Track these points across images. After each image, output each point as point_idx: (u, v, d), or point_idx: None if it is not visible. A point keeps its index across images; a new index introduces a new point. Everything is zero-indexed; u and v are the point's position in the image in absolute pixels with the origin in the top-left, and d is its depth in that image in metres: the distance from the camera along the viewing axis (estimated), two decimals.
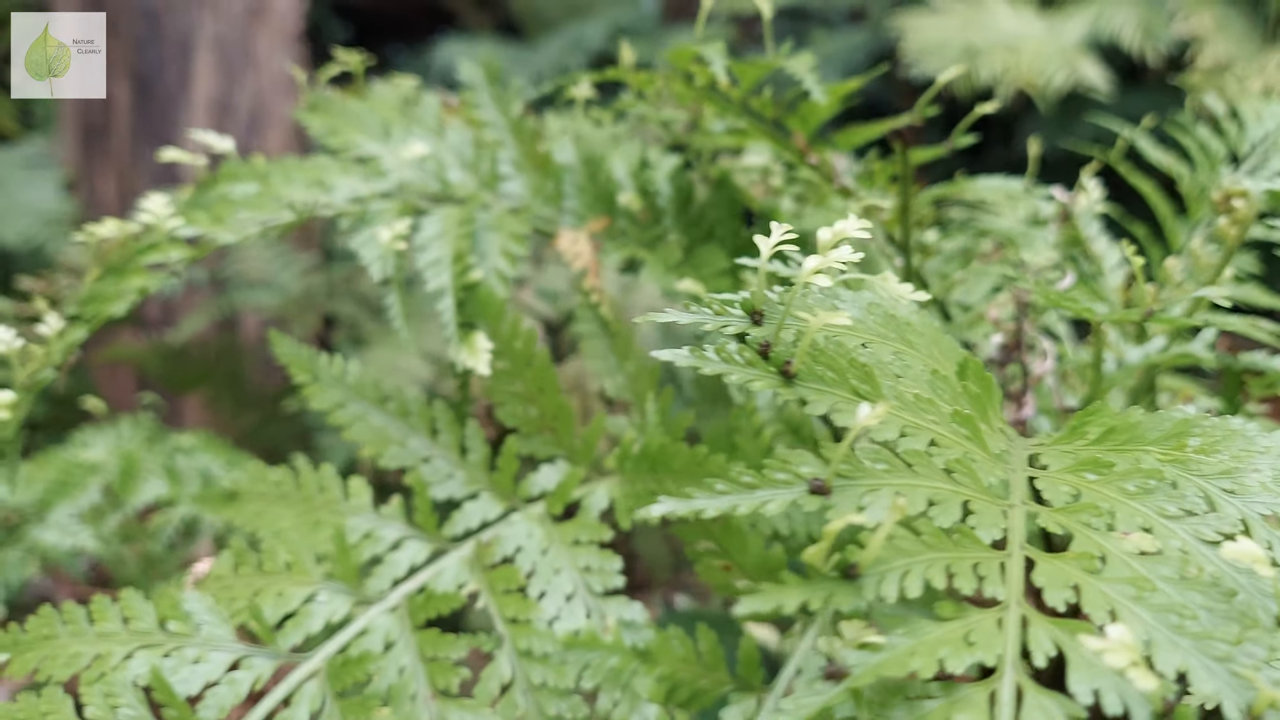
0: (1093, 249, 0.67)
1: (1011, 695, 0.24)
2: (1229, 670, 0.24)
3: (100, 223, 0.61)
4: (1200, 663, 0.24)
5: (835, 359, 0.30)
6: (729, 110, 0.65)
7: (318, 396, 0.61)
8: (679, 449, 0.58)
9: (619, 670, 0.55)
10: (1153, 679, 0.22)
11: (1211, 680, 0.24)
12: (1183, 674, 0.24)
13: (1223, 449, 0.33)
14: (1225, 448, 0.33)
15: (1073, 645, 0.24)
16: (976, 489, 0.29)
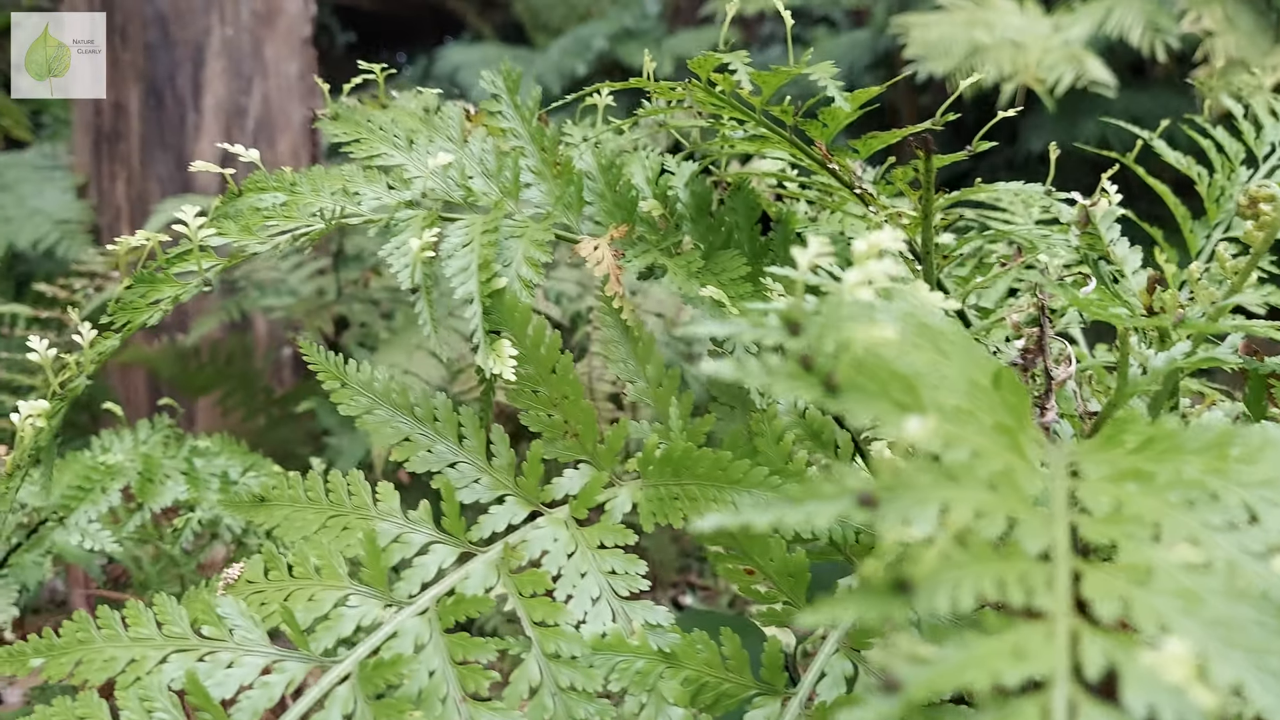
0: (1114, 253, 0.68)
1: (1064, 708, 0.24)
2: None
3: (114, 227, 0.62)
4: (1255, 676, 0.24)
5: (877, 370, 0.30)
6: (750, 117, 0.65)
7: (346, 402, 0.61)
8: (703, 454, 0.58)
9: (645, 673, 0.55)
10: (1211, 694, 0.23)
11: (1267, 694, 0.24)
12: (1237, 688, 0.24)
13: (1263, 458, 0.33)
14: (1265, 457, 0.33)
15: (1126, 658, 0.24)
16: (1020, 500, 0.30)
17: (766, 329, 0.34)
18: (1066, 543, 0.29)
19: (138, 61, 2.06)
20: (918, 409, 0.30)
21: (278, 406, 1.88)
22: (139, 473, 1.03)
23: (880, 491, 0.28)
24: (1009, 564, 0.27)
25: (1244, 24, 3.46)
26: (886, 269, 0.31)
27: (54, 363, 0.58)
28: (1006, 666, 0.25)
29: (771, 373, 0.29)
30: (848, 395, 0.30)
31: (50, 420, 0.58)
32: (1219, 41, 3.46)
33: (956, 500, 0.28)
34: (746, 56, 0.58)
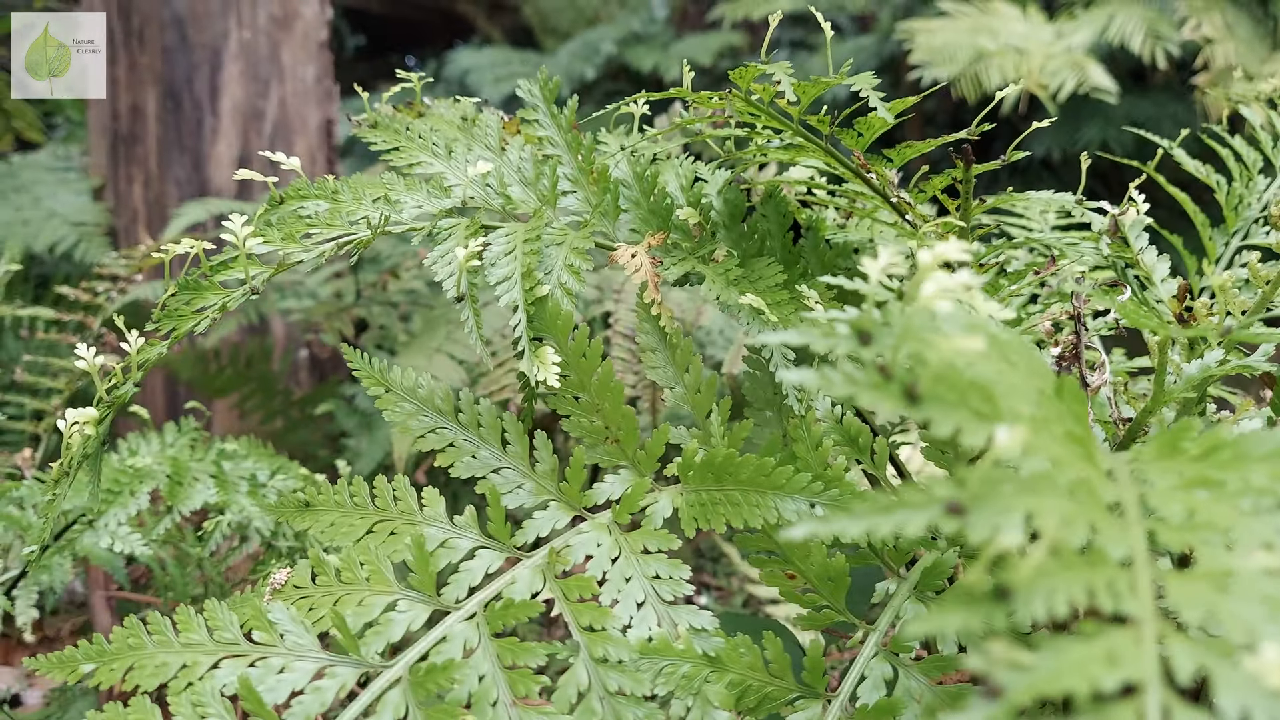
0: (1142, 261, 0.68)
1: (1157, 711, 0.25)
2: None
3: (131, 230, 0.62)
4: None
5: (956, 381, 0.31)
6: (787, 126, 0.66)
7: (390, 408, 0.62)
8: (746, 459, 0.59)
9: (691, 676, 0.56)
10: None
11: None
12: None
13: None
14: None
15: (1218, 663, 0.25)
16: (1098, 508, 0.30)
17: (838, 338, 0.34)
18: (1145, 549, 0.30)
19: (155, 64, 2.07)
20: (996, 418, 0.31)
21: (296, 409, 1.88)
22: (167, 476, 1.04)
23: (968, 500, 0.28)
24: (1095, 571, 0.28)
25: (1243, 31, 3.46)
26: (962, 280, 0.32)
27: (99, 370, 0.59)
28: (1101, 672, 0.25)
29: (854, 383, 0.30)
30: (929, 405, 0.30)
31: (98, 426, 0.59)
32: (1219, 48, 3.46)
33: (1040, 509, 0.29)
34: (789, 67, 0.59)
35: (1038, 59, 3.53)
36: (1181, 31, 3.47)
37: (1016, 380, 0.35)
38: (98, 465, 0.60)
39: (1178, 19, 3.56)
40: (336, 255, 0.60)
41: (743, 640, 0.58)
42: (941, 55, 3.69)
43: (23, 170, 2.38)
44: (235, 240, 0.58)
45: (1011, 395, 0.34)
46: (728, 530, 0.60)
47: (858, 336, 0.35)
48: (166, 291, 0.62)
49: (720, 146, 0.76)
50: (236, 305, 0.58)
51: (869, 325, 0.35)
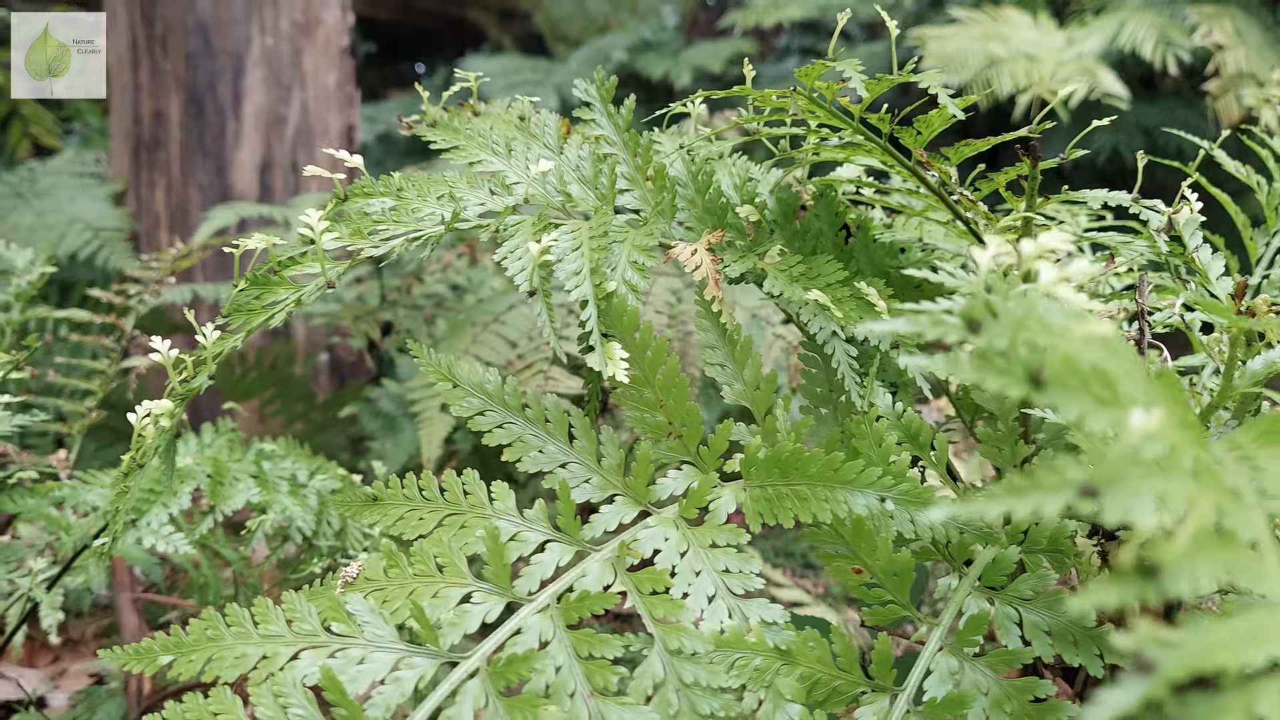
0: (1197, 260, 0.69)
1: None
2: None
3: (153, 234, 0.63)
4: None
5: (1078, 366, 0.31)
6: (848, 125, 0.66)
7: (459, 403, 0.62)
8: (815, 455, 0.60)
9: (763, 669, 0.56)
10: None
11: None
12: None
13: None
14: None
15: None
16: (1222, 491, 0.31)
17: (948, 327, 0.35)
18: (1269, 531, 0.30)
19: (178, 70, 2.09)
20: (1117, 404, 0.31)
21: (318, 412, 1.89)
22: (208, 475, 1.04)
23: (1101, 483, 0.29)
24: (1230, 551, 0.28)
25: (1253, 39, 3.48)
26: (1084, 269, 0.32)
27: (174, 363, 0.60)
28: (1248, 649, 0.26)
29: (983, 368, 0.30)
30: (1054, 390, 0.31)
31: (171, 419, 0.59)
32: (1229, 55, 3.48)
33: (1169, 491, 0.29)
34: (858, 64, 0.60)
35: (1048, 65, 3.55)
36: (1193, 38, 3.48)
37: (1124, 368, 0.36)
38: (171, 457, 0.61)
39: (1188, 25, 3.57)
40: (406, 251, 0.61)
41: (811, 634, 0.58)
42: (953, 62, 3.70)
43: (43, 176, 2.40)
44: (312, 235, 0.58)
45: (1127, 382, 0.34)
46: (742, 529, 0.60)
47: (967, 325, 0.35)
48: (235, 288, 0.63)
49: (775, 146, 0.77)
50: (311, 300, 0.59)
51: (979, 314, 0.35)
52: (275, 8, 2.12)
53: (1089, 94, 3.38)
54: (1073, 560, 0.62)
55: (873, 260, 0.79)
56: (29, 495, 1.06)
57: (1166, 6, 3.91)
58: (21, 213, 2.25)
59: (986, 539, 0.62)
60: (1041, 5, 4.27)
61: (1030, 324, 0.33)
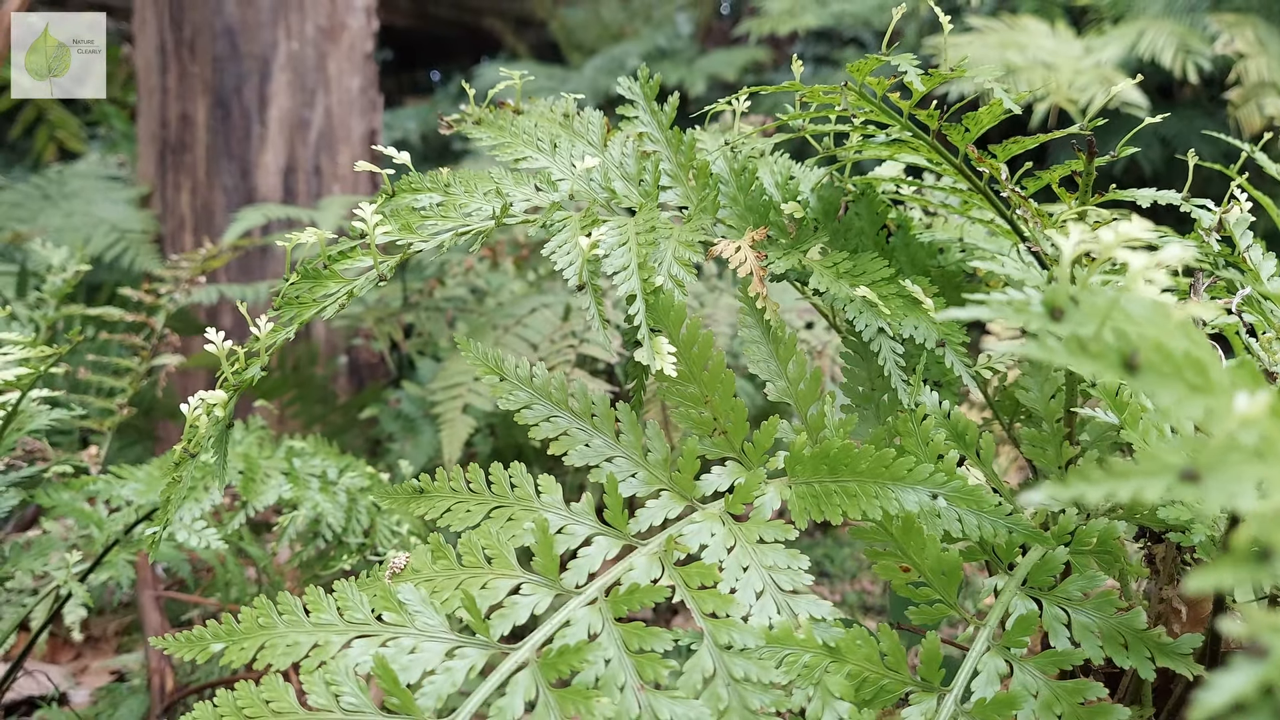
0: (1249, 259, 0.68)
1: None
2: None
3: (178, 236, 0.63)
4: None
5: (1171, 353, 0.31)
6: (896, 121, 0.66)
7: (506, 397, 0.62)
8: (865, 451, 0.59)
9: (812, 666, 0.56)
10: None
11: None
12: None
13: None
14: None
15: None
16: None
17: (1030, 314, 0.35)
18: None
19: (205, 74, 2.10)
20: (1209, 391, 0.31)
21: (338, 413, 1.90)
22: (240, 472, 1.05)
23: (1202, 468, 0.28)
24: None
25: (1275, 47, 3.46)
26: (1177, 254, 0.32)
27: (228, 354, 0.60)
28: None
29: (1075, 353, 0.30)
30: (1147, 375, 0.30)
31: (225, 408, 0.60)
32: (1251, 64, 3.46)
33: (1271, 477, 0.29)
34: (913, 58, 0.60)
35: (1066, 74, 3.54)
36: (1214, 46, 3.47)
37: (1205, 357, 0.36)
38: (224, 446, 0.61)
39: (1209, 34, 3.56)
40: (455, 245, 0.61)
41: (860, 632, 0.58)
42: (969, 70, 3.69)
43: (70, 179, 2.42)
44: (366, 228, 0.58)
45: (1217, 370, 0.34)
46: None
47: (1049, 313, 0.35)
48: (287, 281, 0.63)
49: (819, 143, 0.77)
50: (364, 291, 0.59)
51: (1061, 301, 0.35)
52: (301, 13, 2.14)
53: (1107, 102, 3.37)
54: (1123, 561, 0.61)
55: (913, 259, 0.79)
56: (63, 490, 1.06)
57: (1186, 15, 3.90)
58: (50, 214, 2.27)
59: (1035, 539, 0.62)
60: (1059, 14, 4.27)
61: (1117, 312, 0.33)
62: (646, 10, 5.35)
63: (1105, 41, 3.77)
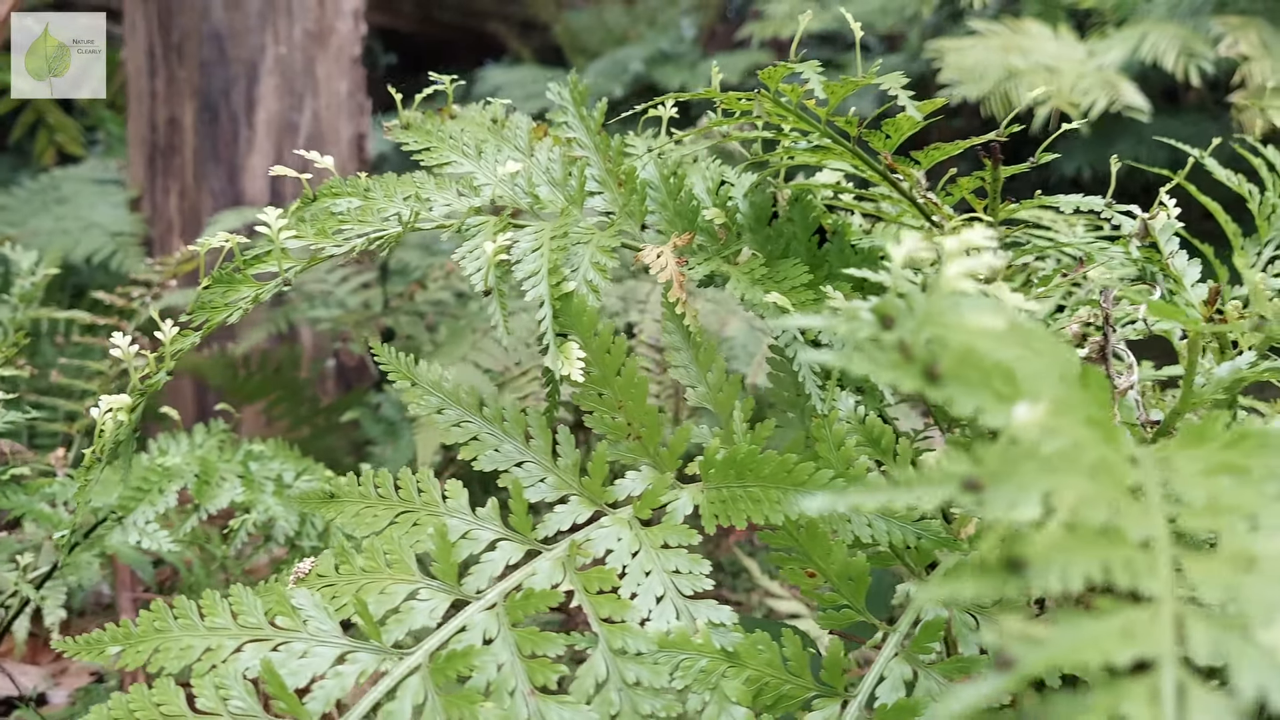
0: (1172, 266, 0.68)
1: (1173, 688, 0.24)
2: None
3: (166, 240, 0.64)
4: None
5: (979, 362, 0.31)
6: (815, 128, 0.66)
7: (416, 401, 0.62)
8: (769, 456, 0.59)
9: (709, 671, 0.56)
10: None
11: None
12: None
13: None
14: None
15: (1236, 642, 0.25)
16: (1118, 490, 0.30)
17: (861, 323, 0.35)
18: (1165, 531, 0.30)
19: (193, 78, 2.12)
20: (1018, 399, 0.31)
21: (323, 416, 1.91)
22: (196, 475, 1.06)
23: (986, 477, 0.28)
24: (1114, 549, 0.28)
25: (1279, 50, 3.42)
26: (988, 262, 0.32)
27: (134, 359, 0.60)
28: (1116, 647, 0.25)
29: (876, 361, 0.30)
30: (950, 384, 0.30)
31: (130, 414, 0.60)
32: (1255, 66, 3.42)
33: (1059, 487, 0.29)
34: (818, 65, 0.60)
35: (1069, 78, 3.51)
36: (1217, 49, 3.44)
37: (1040, 366, 0.35)
38: (129, 452, 0.61)
39: (1212, 37, 3.52)
40: (367, 250, 0.61)
41: (761, 637, 0.58)
42: (971, 74, 3.68)
43: (64, 182, 2.45)
44: (270, 234, 0.59)
45: (1034, 379, 0.34)
46: (747, 543, 0.60)
47: (880, 321, 0.35)
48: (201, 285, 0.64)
49: (748, 150, 0.77)
50: (269, 296, 0.59)
51: (891, 310, 0.35)
52: (289, 17, 2.15)
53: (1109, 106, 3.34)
54: None
55: (847, 265, 0.79)
56: (21, 491, 1.07)
57: (1190, 18, 3.86)
58: (41, 218, 2.30)
59: (944, 545, 0.61)
60: (1062, 17, 4.23)
61: (938, 318, 0.33)
62: (651, 14, 5.35)
63: (1108, 45, 3.74)
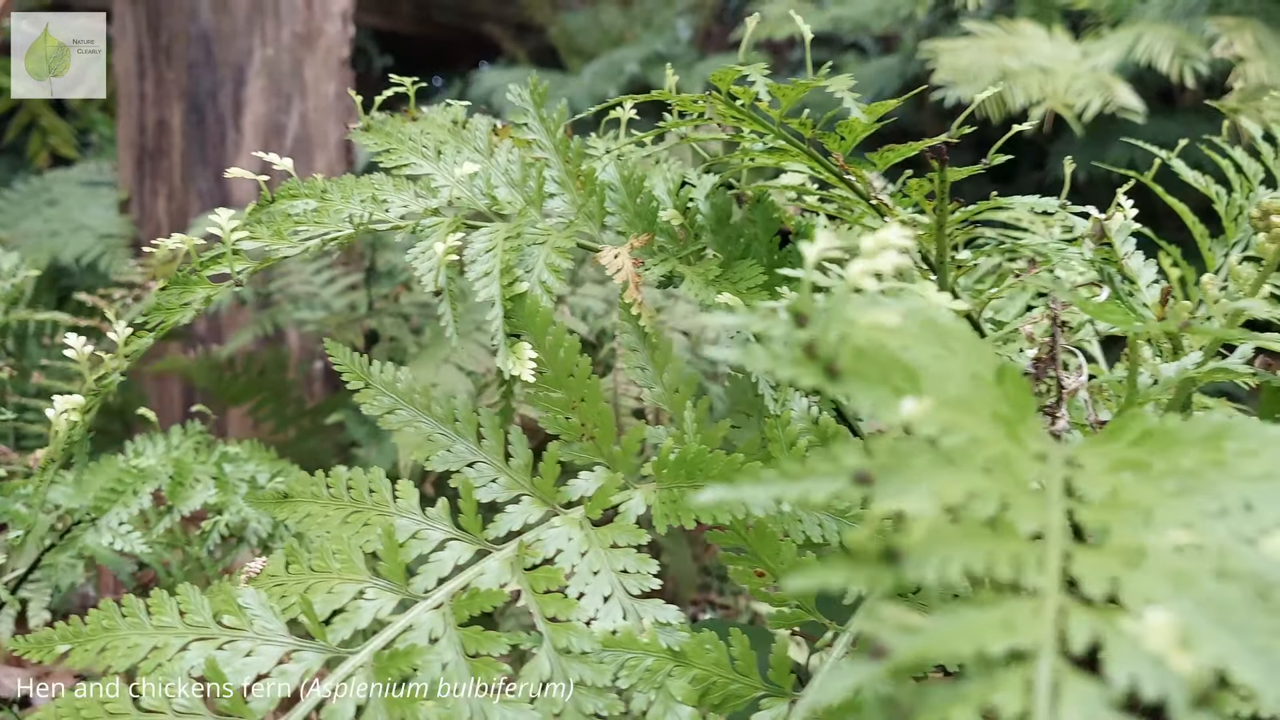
0: (1128, 266, 0.68)
1: (1048, 678, 0.25)
2: (1269, 661, 0.25)
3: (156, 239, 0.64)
4: (1241, 653, 0.25)
5: (880, 359, 0.31)
6: (768, 130, 0.66)
7: (370, 402, 0.63)
8: (716, 456, 0.59)
9: (654, 670, 0.56)
10: (1190, 661, 0.23)
11: (1251, 670, 0.24)
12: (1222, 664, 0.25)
13: (1263, 453, 0.33)
14: (1266, 452, 0.33)
15: (1111, 631, 0.25)
16: (1015, 485, 0.30)
17: (775, 321, 0.35)
18: (1061, 525, 0.30)
19: (181, 80, 2.13)
20: (917, 395, 0.31)
21: (309, 418, 1.91)
22: (170, 476, 1.06)
23: (876, 470, 0.28)
24: (1001, 542, 0.28)
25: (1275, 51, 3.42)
26: (892, 261, 0.32)
27: (89, 360, 0.61)
28: (993, 637, 0.25)
29: (775, 358, 0.30)
30: (849, 381, 0.30)
31: (84, 415, 0.60)
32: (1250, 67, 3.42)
33: (951, 481, 0.29)
34: (764, 68, 0.60)
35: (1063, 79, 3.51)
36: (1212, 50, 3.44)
37: (953, 365, 0.35)
38: (84, 453, 0.62)
39: (1207, 38, 3.52)
40: (321, 252, 0.61)
41: (708, 636, 0.58)
42: (965, 75, 3.67)
43: (55, 184, 2.45)
44: (222, 236, 0.59)
45: (941, 376, 0.34)
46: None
47: (794, 319, 0.35)
48: (157, 287, 0.64)
49: (707, 151, 0.77)
50: (221, 298, 0.60)
51: (805, 308, 0.35)
52: (277, 19, 2.16)
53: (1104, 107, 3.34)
54: None
55: None
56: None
57: (1184, 19, 3.86)
58: (32, 220, 2.31)
59: None
60: (1057, 18, 4.23)
61: (838, 317, 0.33)
62: (646, 15, 5.36)
63: (1102, 46, 3.74)
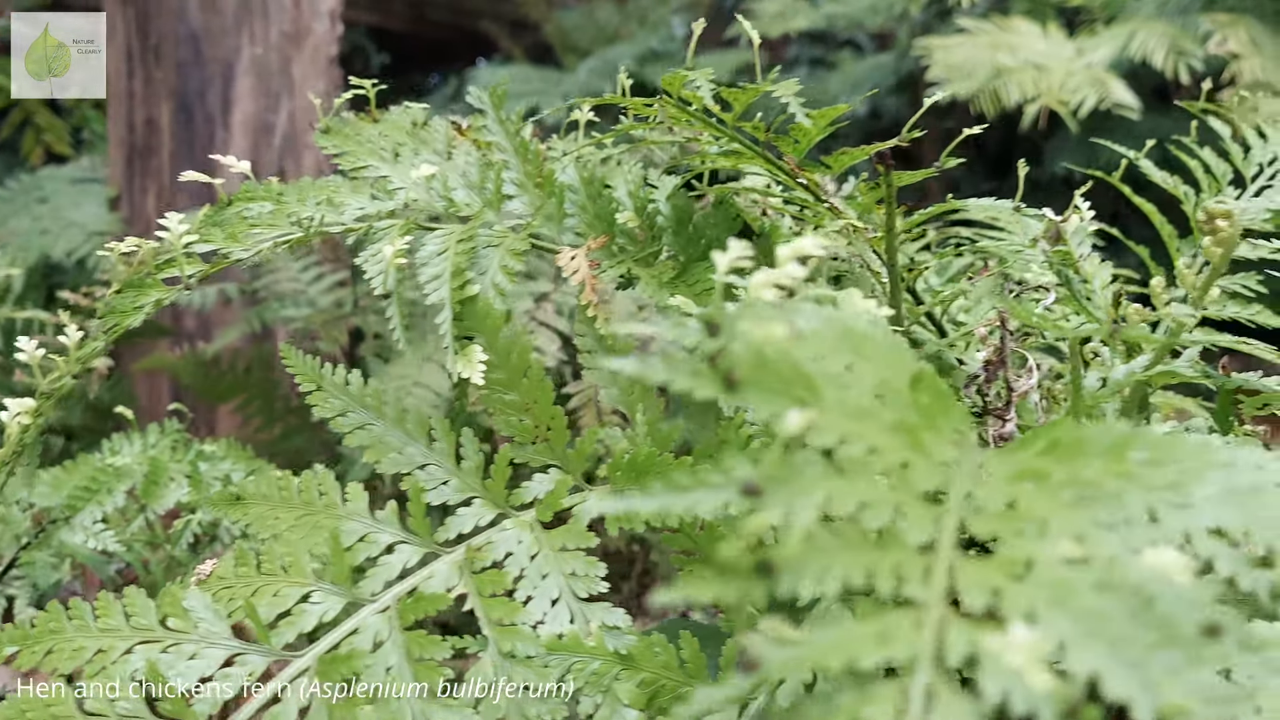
0: (1083, 268, 0.68)
1: (922, 692, 0.25)
2: (1141, 674, 0.25)
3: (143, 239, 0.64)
4: (1113, 666, 0.25)
5: (781, 369, 0.31)
6: (723, 133, 0.66)
7: (322, 404, 0.63)
8: (666, 459, 0.59)
9: (601, 674, 0.56)
10: (1048, 677, 0.23)
11: (1123, 683, 0.24)
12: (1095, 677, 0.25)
13: (1171, 463, 0.33)
14: (1174, 461, 0.33)
15: (985, 646, 0.25)
16: (910, 496, 0.30)
17: (686, 329, 0.35)
18: (952, 536, 0.30)
19: (170, 79, 2.13)
20: (818, 406, 0.31)
21: (295, 415, 1.91)
22: (145, 475, 1.06)
23: (765, 481, 0.28)
24: (884, 554, 0.28)
25: (1269, 47, 3.41)
26: (793, 272, 0.32)
27: (40, 363, 0.61)
28: (868, 650, 0.25)
29: (673, 368, 0.30)
30: (747, 391, 0.31)
31: (36, 418, 0.61)
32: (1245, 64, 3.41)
33: (842, 492, 0.29)
34: (710, 73, 0.60)
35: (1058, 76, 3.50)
36: (1206, 47, 3.42)
37: (863, 372, 0.36)
38: (34, 455, 0.62)
39: (1201, 34, 3.51)
40: (274, 254, 0.62)
41: (657, 639, 0.58)
42: (959, 72, 3.66)
43: (46, 182, 2.46)
44: (172, 240, 0.59)
45: (851, 387, 0.34)
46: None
47: (706, 328, 0.35)
48: (111, 289, 0.64)
49: (684, 151, 0.77)
50: (169, 300, 0.60)
51: (718, 317, 0.35)
52: (265, 18, 2.16)
53: (1099, 104, 3.33)
54: None
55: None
56: None
57: (1179, 16, 3.84)
58: (20, 218, 2.31)
59: None
60: (1051, 15, 4.22)
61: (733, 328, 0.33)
62: (641, 13, 5.35)
63: (1097, 43, 3.73)
